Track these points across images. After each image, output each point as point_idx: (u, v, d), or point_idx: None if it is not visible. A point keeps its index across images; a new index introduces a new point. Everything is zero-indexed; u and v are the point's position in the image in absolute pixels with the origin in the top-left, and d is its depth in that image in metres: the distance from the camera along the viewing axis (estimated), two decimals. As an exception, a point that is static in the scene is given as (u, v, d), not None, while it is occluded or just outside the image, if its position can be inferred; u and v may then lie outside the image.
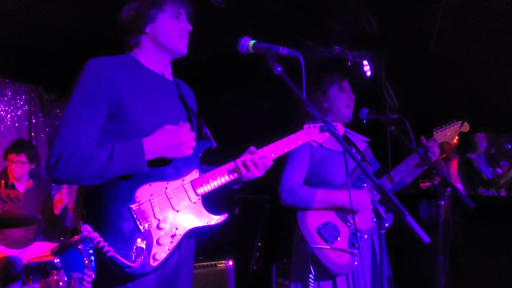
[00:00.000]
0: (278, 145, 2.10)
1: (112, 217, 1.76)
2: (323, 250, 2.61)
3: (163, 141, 1.81)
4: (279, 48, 1.90)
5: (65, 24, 4.61)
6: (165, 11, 2.02)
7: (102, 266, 1.78)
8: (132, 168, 1.76)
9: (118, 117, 1.85)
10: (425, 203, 4.34)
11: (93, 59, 1.88)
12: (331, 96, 2.95)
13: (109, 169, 1.72)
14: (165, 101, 2.01)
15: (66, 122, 1.79)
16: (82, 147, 1.75)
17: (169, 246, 1.83)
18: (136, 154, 1.75)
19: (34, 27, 4.69)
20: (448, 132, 2.87)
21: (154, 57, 2.05)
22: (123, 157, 1.74)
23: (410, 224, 1.60)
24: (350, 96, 2.97)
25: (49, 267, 3.79)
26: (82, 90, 1.83)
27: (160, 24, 2.01)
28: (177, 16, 2.04)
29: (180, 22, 2.05)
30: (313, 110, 1.84)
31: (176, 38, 2.03)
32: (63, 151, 1.73)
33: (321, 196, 2.70)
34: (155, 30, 2.02)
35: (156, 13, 2.00)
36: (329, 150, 2.84)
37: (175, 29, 2.03)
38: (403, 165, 2.81)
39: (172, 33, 2.02)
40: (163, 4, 2.02)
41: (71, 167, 1.71)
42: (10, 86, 5.76)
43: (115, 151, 1.74)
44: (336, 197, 2.69)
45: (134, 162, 1.75)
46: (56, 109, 6.15)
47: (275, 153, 2.08)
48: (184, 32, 2.05)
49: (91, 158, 1.72)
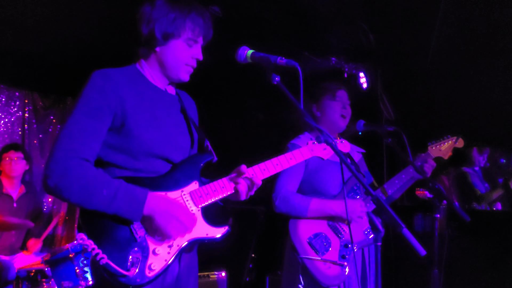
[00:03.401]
0: (281, 159, 2.07)
1: (108, 226, 1.73)
2: (314, 261, 2.59)
3: (166, 207, 1.78)
4: (277, 58, 1.89)
5: (61, 31, 4.61)
6: (180, 36, 1.94)
7: (98, 280, 1.75)
8: (126, 216, 1.74)
9: (120, 131, 1.82)
10: (420, 216, 4.34)
11: (99, 71, 1.85)
12: (324, 105, 2.94)
13: (105, 209, 1.71)
14: (167, 117, 1.98)
15: (70, 133, 1.76)
16: (89, 174, 1.73)
17: (166, 257, 1.79)
18: (136, 208, 1.73)
19: (29, 33, 4.69)
20: (443, 147, 2.88)
21: (158, 75, 2.01)
22: (124, 205, 1.72)
23: (406, 236, 1.59)
24: (345, 106, 2.94)
25: (39, 275, 3.73)
26: (87, 101, 1.80)
27: (171, 50, 1.95)
28: (191, 44, 1.98)
29: (192, 50, 1.98)
30: (310, 120, 1.83)
31: (181, 66, 1.98)
32: (68, 166, 1.70)
33: (315, 205, 2.69)
34: (164, 53, 1.96)
35: (169, 38, 1.93)
36: (324, 159, 2.82)
37: (184, 57, 1.97)
38: (396, 178, 2.81)
39: (179, 61, 1.97)
40: (181, 29, 1.94)
41: (72, 191, 1.69)
42: (4, 92, 5.72)
43: (118, 197, 1.71)
44: (330, 206, 2.68)
45: (131, 213, 1.74)
46: (50, 116, 6.11)
47: (278, 167, 2.05)
48: (192, 62, 2.00)
49: (93, 192, 1.70)
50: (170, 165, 1.92)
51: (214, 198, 1.94)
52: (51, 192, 1.71)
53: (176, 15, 1.92)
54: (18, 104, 5.82)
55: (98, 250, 1.67)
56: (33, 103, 5.93)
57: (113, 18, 4.20)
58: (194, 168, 1.95)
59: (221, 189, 1.95)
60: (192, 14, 1.95)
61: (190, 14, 1.95)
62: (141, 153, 1.84)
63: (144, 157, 1.85)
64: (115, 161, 1.83)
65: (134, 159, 1.84)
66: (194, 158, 1.98)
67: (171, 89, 2.09)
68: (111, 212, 1.71)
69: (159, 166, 1.89)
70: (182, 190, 1.90)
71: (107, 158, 1.83)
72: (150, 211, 1.75)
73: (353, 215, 2.64)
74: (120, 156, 1.83)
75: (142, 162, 1.85)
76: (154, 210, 1.76)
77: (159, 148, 1.87)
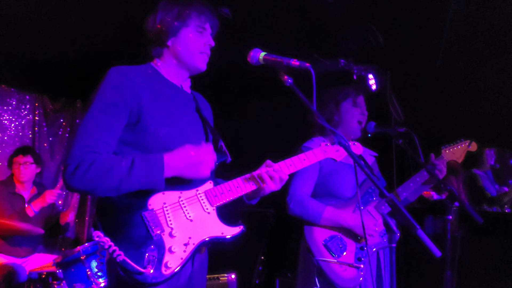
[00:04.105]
0: (294, 160, 2.08)
1: (124, 223, 1.74)
2: (329, 263, 2.58)
3: (184, 159, 1.80)
4: (290, 60, 1.90)
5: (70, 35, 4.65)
6: (189, 25, 2.00)
7: (113, 279, 1.76)
8: (150, 183, 1.75)
9: (136, 127, 1.84)
10: (431, 218, 4.31)
11: (115, 67, 1.88)
12: (343, 110, 2.94)
13: (127, 182, 1.72)
14: (183, 114, 2.00)
15: (86, 129, 1.78)
16: (102, 157, 1.75)
17: (182, 255, 1.80)
18: (155, 170, 1.75)
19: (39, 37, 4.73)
20: (456, 150, 2.87)
21: (174, 70, 2.04)
22: (143, 171, 1.73)
23: (421, 238, 1.58)
24: (363, 113, 2.96)
25: (51, 278, 3.75)
26: (103, 98, 1.82)
27: (182, 40, 2.00)
28: (201, 31, 2.02)
29: (203, 37, 2.03)
30: (323, 122, 1.83)
31: (196, 54, 2.02)
32: (83, 159, 1.72)
33: (329, 214, 2.68)
34: (176, 44, 2.00)
35: (179, 28, 1.99)
36: (339, 162, 2.82)
37: (197, 45, 2.01)
38: (411, 181, 2.80)
39: (193, 49, 2.01)
40: (188, 18, 2.00)
41: (90, 176, 1.70)
42: (14, 95, 5.77)
43: (135, 164, 1.73)
44: (344, 218, 2.67)
45: (152, 178, 1.75)
46: (60, 118, 6.15)
47: (291, 168, 2.06)
48: (206, 48, 2.04)
49: (111, 168, 1.71)
50: None
51: (229, 197, 1.95)
52: (70, 186, 1.73)
53: (180, 8, 1.99)
54: (29, 107, 5.87)
55: (115, 247, 1.68)
56: (43, 106, 5.97)
57: (122, 21, 4.23)
58: None
59: (236, 189, 1.96)
60: (195, 3, 2.02)
61: (192, 4, 2.02)
62: (157, 149, 1.85)
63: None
64: None
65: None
66: None
67: (186, 87, 2.11)
68: (134, 182, 1.72)
69: None
70: (197, 189, 1.91)
71: (123, 154, 1.84)
72: (174, 170, 1.78)
73: (366, 231, 2.64)
74: (135, 153, 1.84)
75: None
76: (176, 168, 1.79)
77: (174, 144, 1.88)
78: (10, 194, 4.42)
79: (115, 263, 1.68)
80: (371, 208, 2.75)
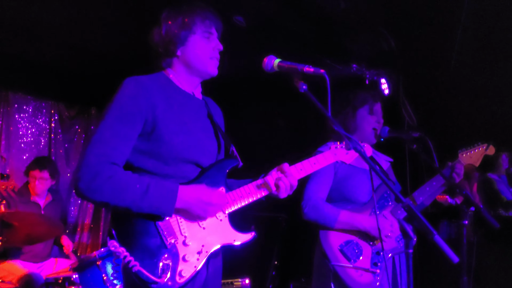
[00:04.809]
0: (305, 164, 2.10)
1: (139, 233, 1.76)
2: (346, 268, 2.58)
3: (196, 194, 1.82)
4: (305, 66, 1.90)
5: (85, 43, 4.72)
6: (195, 32, 2.01)
7: (129, 286, 1.79)
8: (159, 211, 1.77)
9: (151, 136, 1.86)
10: (445, 223, 4.28)
11: (131, 77, 1.90)
12: (359, 116, 2.93)
13: (139, 205, 1.74)
14: (196, 121, 2.02)
15: (102, 137, 1.79)
16: (119, 174, 1.76)
17: (196, 263, 1.82)
18: (168, 199, 1.77)
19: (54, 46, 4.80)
20: (474, 154, 2.85)
21: (185, 78, 2.06)
22: (156, 199, 1.75)
23: (438, 243, 1.58)
24: (379, 121, 2.95)
25: (67, 283, 3.80)
26: (119, 107, 1.84)
27: (191, 47, 2.01)
28: (208, 36, 2.04)
29: (211, 42, 2.04)
30: (339, 128, 1.83)
31: (207, 60, 2.03)
32: (99, 170, 1.73)
33: (344, 218, 2.68)
34: (186, 53, 2.01)
35: (186, 36, 2.00)
36: (352, 167, 2.82)
37: (206, 51, 2.03)
38: (427, 185, 2.78)
39: (203, 56, 2.02)
40: (193, 26, 2.01)
41: (105, 191, 1.72)
42: (31, 103, 5.86)
43: (150, 190, 1.75)
44: (360, 221, 2.67)
45: (163, 206, 1.77)
46: (75, 125, 6.23)
47: (302, 172, 2.07)
48: (215, 53, 2.05)
49: (125, 189, 1.73)
50: (199, 169, 1.95)
51: (240, 203, 1.96)
52: (83, 195, 1.73)
53: (183, 16, 2.01)
54: (45, 114, 5.95)
55: (130, 258, 1.69)
56: (59, 113, 6.06)
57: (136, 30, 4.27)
58: (221, 173, 1.97)
59: (247, 195, 1.97)
60: (197, 10, 2.03)
61: (195, 10, 2.03)
62: (172, 158, 1.87)
63: (174, 162, 1.88)
64: (146, 167, 1.86)
65: (165, 163, 1.87)
66: (220, 164, 2.00)
67: (198, 94, 2.13)
68: (145, 207, 1.73)
69: (189, 170, 1.92)
70: None
71: (137, 163, 1.86)
72: (184, 203, 1.80)
73: (382, 234, 2.63)
74: (150, 161, 1.86)
75: (172, 167, 1.88)
76: (187, 201, 1.80)
77: (189, 152, 1.90)
78: (26, 203, 4.49)
79: (130, 272, 1.70)
80: (387, 213, 2.74)
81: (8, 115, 5.63)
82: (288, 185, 1.97)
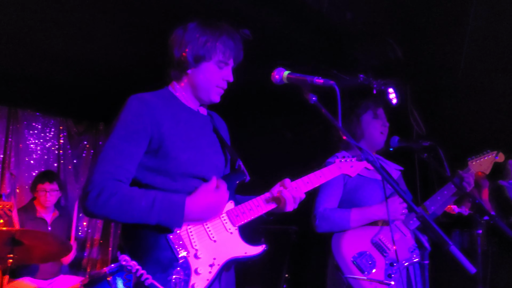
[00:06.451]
0: (311, 177, 2.11)
1: (150, 246, 1.76)
2: (359, 280, 2.55)
3: (204, 202, 1.83)
4: (314, 78, 1.91)
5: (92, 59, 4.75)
6: (211, 59, 1.99)
7: None
8: (168, 224, 1.78)
9: (158, 153, 1.87)
10: (458, 233, 4.22)
11: (135, 95, 1.91)
12: (364, 123, 2.97)
13: (146, 219, 1.74)
14: (202, 137, 2.03)
15: (107, 156, 1.81)
16: (124, 189, 1.77)
17: (208, 276, 1.81)
18: (176, 213, 1.78)
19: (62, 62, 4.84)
20: (483, 162, 2.84)
21: (191, 96, 2.07)
22: (164, 213, 1.76)
23: (454, 254, 1.56)
24: (384, 124, 2.98)
25: (77, 299, 3.77)
26: (124, 125, 1.85)
27: (202, 73, 2.00)
28: (222, 67, 2.02)
29: (223, 71, 2.03)
30: (350, 139, 1.83)
31: (212, 88, 2.03)
32: (104, 186, 1.74)
33: (356, 215, 2.69)
34: (196, 75, 2.01)
35: (201, 60, 1.99)
36: (363, 177, 2.81)
37: (215, 79, 2.02)
38: (438, 195, 2.77)
39: (211, 84, 2.02)
40: (213, 52, 1.98)
41: (110, 206, 1.73)
42: (40, 119, 5.91)
43: (156, 204, 1.75)
44: (372, 211, 2.69)
45: (172, 220, 1.77)
46: (84, 141, 6.27)
47: (308, 186, 2.08)
48: (223, 83, 2.05)
49: (131, 204, 1.74)
50: None
51: (250, 217, 1.96)
52: (89, 212, 1.75)
53: (207, 38, 1.98)
54: (53, 131, 5.99)
55: (142, 271, 1.68)
56: (67, 129, 6.10)
57: (144, 44, 4.31)
58: (229, 187, 1.96)
59: (257, 208, 1.98)
60: (223, 37, 2.00)
61: (221, 37, 2.00)
62: (179, 174, 1.88)
63: (182, 178, 1.89)
64: (153, 183, 1.87)
65: (172, 180, 1.87)
66: (227, 178, 2.01)
67: (203, 110, 2.14)
68: (153, 220, 1.74)
69: (197, 186, 1.91)
70: None
71: (145, 180, 1.87)
72: (193, 214, 1.81)
73: (396, 215, 2.64)
74: (158, 178, 1.87)
75: (180, 183, 1.88)
76: (196, 211, 1.81)
77: (196, 168, 1.92)
78: (32, 220, 4.49)
79: (143, 286, 1.69)
80: (399, 223, 2.73)
81: (17, 132, 5.68)
82: (291, 198, 1.97)
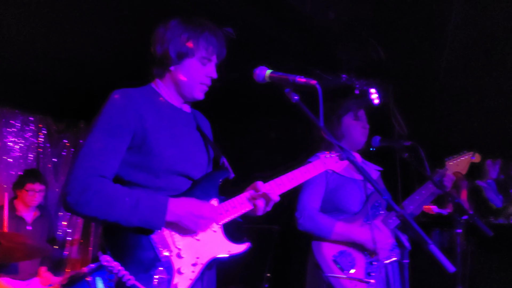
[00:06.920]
0: (296, 174, 2.10)
1: (132, 246, 1.74)
2: (339, 279, 2.57)
3: (187, 208, 1.80)
4: (296, 77, 1.91)
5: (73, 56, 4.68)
6: (194, 56, 1.97)
7: None
8: (149, 224, 1.75)
9: (141, 149, 1.84)
10: (438, 232, 4.28)
11: (119, 90, 1.88)
12: (344, 124, 2.98)
13: (128, 219, 1.71)
14: (186, 134, 2.02)
15: (90, 151, 1.77)
16: (108, 187, 1.74)
17: (191, 276, 1.80)
18: (158, 213, 1.75)
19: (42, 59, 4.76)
20: (460, 162, 2.89)
21: (174, 93, 2.04)
22: (146, 212, 1.73)
23: (434, 253, 1.57)
24: (365, 126, 3.01)
25: (56, 300, 3.72)
26: (108, 120, 1.82)
27: (185, 69, 1.98)
28: (205, 63, 2.00)
29: (206, 68, 2.01)
30: (331, 138, 1.83)
31: (195, 84, 2.00)
32: (88, 184, 1.71)
33: (340, 229, 2.68)
34: (178, 72, 1.99)
35: (184, 57, 1.96)
36: (344, 177, 2.83)
37: (198, 76, 2.00)
38: (416, 194, 2.80)
39: (194, 80, 2.00)
40: (195, 49, 1.97)
41: (94, 205, 1.69)
42: (19, 117, 5.80)
43: (140, 204, 1.73)
44: (356, 233, 2.67)
45: (154, 220, 1.74)
46: (64, 139, 6.17)
47: (293, 182, 2.07)
48: (207, 80, 2.02)
49: (115, 203, 1.71)
50: (190, 182, 1.94)
51: (233, 214, 1.95)
52: (71, 209, 1.71)
53: (189, 35, 1.96)
54: (33, 128, 5.89)
55: (124, 272, 1.67)
56: (47, 127, 6.01)
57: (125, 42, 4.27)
58: (212, 185, 1.96)
59: (240, 206, 1.97)
60: (205, 33, 1.99)
61: (203, 33, 1.98)
62: (162, 171, 1.86)
63: (165, 175, 1.87)
64: (136, 180, 1.85)
65: (155, 176, 1.86)
66: (211, 175, 2.00)
67: (186, 107, 2.12)
68: (135, 220, 1.71)
69: (180, 183, 1.91)
70: None
71: (128, 177, 1.85)
72: (174, 216, 1.77)
73: (377, 245, 2.63)
74: (141, 175, 1.85)
75: (163, 180, 1.87)
76: (178, 214, 1.78)
77: (179, 165, 1.90)
78: (12, 218, 4.40)
79: (124, 287, 1.67)
80: (378, 222, 2.75)
81: (-5, 130, 5.56)
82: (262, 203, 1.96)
